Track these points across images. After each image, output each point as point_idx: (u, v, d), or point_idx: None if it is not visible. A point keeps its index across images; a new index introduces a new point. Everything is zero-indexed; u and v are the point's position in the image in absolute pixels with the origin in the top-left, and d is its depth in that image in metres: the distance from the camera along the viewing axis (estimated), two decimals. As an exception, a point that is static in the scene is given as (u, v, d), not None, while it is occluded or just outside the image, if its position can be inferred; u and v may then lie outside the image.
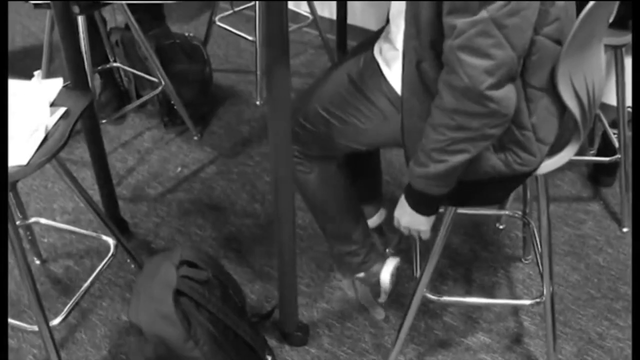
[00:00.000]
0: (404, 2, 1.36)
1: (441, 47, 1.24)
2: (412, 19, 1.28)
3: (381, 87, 1.52)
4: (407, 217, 1.48)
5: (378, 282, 1.86)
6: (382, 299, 1.91)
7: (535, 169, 1.40)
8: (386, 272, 1.85)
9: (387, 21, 1.69)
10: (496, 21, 1.14)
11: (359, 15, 3.12)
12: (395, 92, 1.49)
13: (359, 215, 1.84)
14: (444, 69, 1.24)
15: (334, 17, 3.01)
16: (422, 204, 1.44)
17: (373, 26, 3.10)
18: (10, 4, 1.99)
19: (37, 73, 1.62)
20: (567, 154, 1.45)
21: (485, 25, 1.14)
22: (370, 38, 1.67)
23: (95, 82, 2.60)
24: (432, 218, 1.47)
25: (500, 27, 1.14)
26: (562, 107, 1.35)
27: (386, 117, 1.52)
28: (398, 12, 1.48)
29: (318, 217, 1.80)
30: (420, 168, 1.34)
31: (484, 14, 1.14)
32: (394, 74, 1.50)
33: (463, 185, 1.39)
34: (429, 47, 1.28)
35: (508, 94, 1.21)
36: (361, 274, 1.86)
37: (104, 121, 2.37)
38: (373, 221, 2.16)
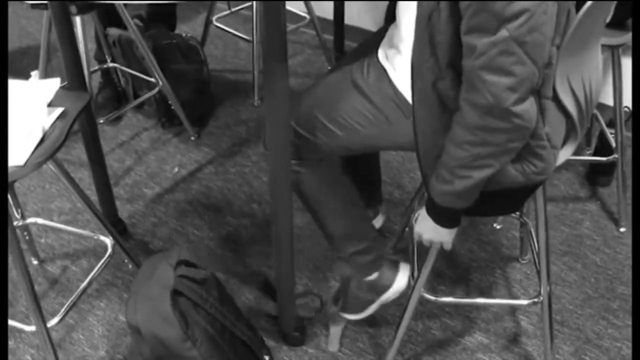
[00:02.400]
0: (410, 13, 1.35)
1: (460, 66, 1.24)
2: (427, 41, 1.27)
3: (388, 92, 1.51)
4: (430, 232, 1.48)
5: (386, 288, 1.80)
6: (373, 308, 1.84)
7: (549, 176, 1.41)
8: (404, 275, 1.80)
9: (386, 22, 1.68)
10: (517, 39, 1.14)
11: (356, 16, 3.12)
12: (403, 96, 1.48)
13: (363, 210, 1.81)
14: (463, 86, 1.24)
15: (331, 17, 3.01)
16: (446, 218, 1.44)
17: (370, 26, 3.10)
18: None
19: (34, 73, 1.62)
20: (564, 154, 1.46)
21: (505, 44, 1.14)
22: (369, 41, 1.66)
23: (92, 82, 2.59)
24: (456, 229, 1.48)
25: (520, 44, 1.14)
26: (565, 109, 1.36)
27: (391, 122, 1.51)
28: (404, 12, 1.46)
29: (321, 217, 1.73)
30: (445, 185, 1.35)
31: (503, 32, 1.14)
32: (400, 78, 1.49)
33: (480, 196, 1.39)
34: (446, 67, 1.28)
35: (530, 107, 1.22)
36: (374, 275, 1.78)
37: (101, 121, 2.37)
38: None
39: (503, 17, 1.13)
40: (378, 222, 2.14)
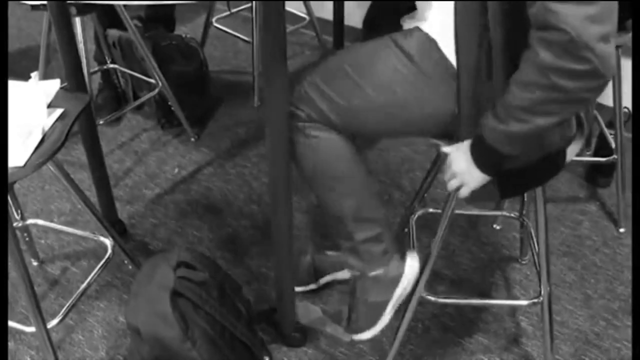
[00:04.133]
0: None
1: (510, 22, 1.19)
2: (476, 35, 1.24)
3: (432, 54, 1.41)
4: (463, 164, 1.36)
5: (397, 278, 1.65)
6: (389, 313, 1.67)
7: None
8: (412, 265, 1.66)
9: (364, 27, 1.66)
10: None
11: (356, 16, 3.12)
12: (447, 59, 1.39)
13: (376, 191, 1.66)
14: (535, 28, 1.15)
15: (331, 18, 3.01)
16: (485, 158, 1.33)
17: (370, 27, 3.10)
18: (7, 5, 1.99)
19: (34, 74, 1.62)
20: (572, 151, 1.45)
21: None
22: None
23: (92, 83, 2.59)
24: (483, 180, 1.37)
25: None
26: None
27: (430, 78, 1.41)
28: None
29: (334, 194, 1.55)
30: (500, 124, 1.25)
31: None
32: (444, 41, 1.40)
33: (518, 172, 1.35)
34: (498, 25, 1.23)
35: (611, 50, 1.12)
36: (380, 271, 1.63)
37: (101, 122, 2.37)
38: None
39: None
40: None
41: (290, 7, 2.68)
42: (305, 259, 1.98)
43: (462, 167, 1.37)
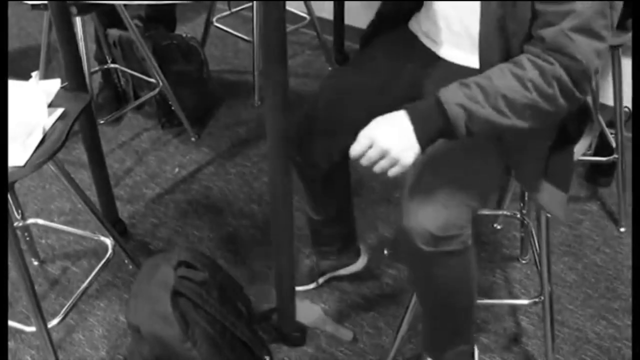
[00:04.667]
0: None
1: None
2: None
3: None
4: (396, 138, 1.19)
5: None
6: None
7: None
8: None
9: (361, 47, 1.65)
10: (611, 3, 1.11)
11: (356, 16, 3.12)
12: None
13: None
14: (547, 49, 1.16)
15: (331, 17, 3.01)
16: (429, 126, 1.19)
17: (370, 27, 3.10)
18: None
19: (34, 74, 1.62)
20: (582, 146, 1.45)
21: (603, 5, 1.11)
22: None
23: (93, 83, 2.59)
24: (417, 155, 1.22)
25: (612, 6, 1.12)
26: None
27: None
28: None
29: (471, 306, 1.53)
30: (472, 103, 1.17)
31: None
32: None
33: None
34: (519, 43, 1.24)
35: (593, 87, 1.20)
36: None
37: (101, 122, 2.37)
38: (354, 267, 2.02)
39: None
40: (363, 261, 2.02)
41: (290, 6, 2.68)
42: (306, 260, 1.99)
43: (395, 142, 1.20)
